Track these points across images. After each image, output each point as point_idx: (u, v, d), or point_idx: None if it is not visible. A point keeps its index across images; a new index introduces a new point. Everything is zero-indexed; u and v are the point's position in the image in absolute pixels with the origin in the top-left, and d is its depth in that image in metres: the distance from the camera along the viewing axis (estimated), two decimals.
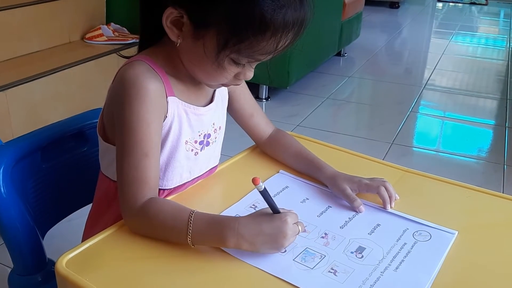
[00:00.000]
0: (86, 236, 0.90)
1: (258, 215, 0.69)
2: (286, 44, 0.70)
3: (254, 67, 0.75)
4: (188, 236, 0.67)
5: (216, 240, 0.68)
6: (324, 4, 2.99)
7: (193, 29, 0.70)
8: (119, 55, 0.84)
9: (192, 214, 0.68)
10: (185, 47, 0.73)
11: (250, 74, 0.75)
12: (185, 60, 0.76)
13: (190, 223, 0.67)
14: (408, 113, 2.78)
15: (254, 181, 0.65)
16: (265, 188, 0.67)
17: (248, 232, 0.66)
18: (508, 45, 4.56)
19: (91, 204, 0.91)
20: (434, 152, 2.40)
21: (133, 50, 0.82)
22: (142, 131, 0.72)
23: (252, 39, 0.66)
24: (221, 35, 0.67)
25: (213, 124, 0.85)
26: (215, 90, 0.86)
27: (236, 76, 0.75)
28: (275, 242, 0.66)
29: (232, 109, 0.93)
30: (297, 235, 0.69)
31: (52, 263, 0.90)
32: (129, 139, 0.72)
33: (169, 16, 0.70)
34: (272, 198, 0.69)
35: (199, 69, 0.75)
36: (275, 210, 0.69)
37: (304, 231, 0.72)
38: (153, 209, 0.71)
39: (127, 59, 0.77)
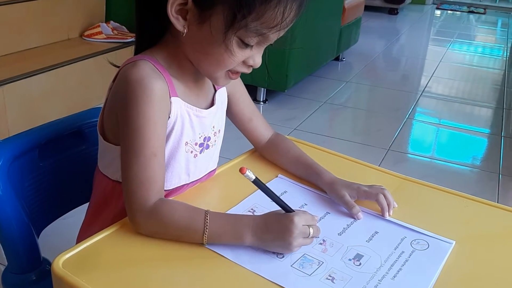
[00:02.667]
0: (81, 235, 0.90)
1: (271, 214, 0.71)
2: (291, 14, 0.69)
3: (262, 51, 0.75)
4: (205, 235, 0.69)
5: (233, 238, 0.70)
6: (324, 8, 3.00)
7: (198, 13, 0.70)
8: (111, 64, 0.84)
9: (207, 213, 0.70)
10: (190, 36, 0.72)
11: (258, 60, 0.75)
12: (191, 52, 0.75)
13: (207, 222, 0.69)
14: (404, 119, 2.79)
15: (240, 170, 0.66)
16: (257, 178, 0.67)
17: (261, 230, 0.69)
18: (504, 54, 4.59)
19: (88, 203, 0.91)
20: (430, 160, 2.41)
21: (128, 51, 0.81)
22: (150, 131, 0.72)
23: (258, 8, 0.66)
24: (227, 11, 0.67)
25: (213, 127, 0.85)
26: (215, 93, 0.86)
27: (245, 62, 0.74)
28: (283, 241, 0.68)
29: (231, 113, 0.93)
30: (311, 238, 0.70)
31: (47, 262, 0.89)
32: (137, 139, 0.71)
33: (173, 3, 0.69)
34: (275, 193, 0.70)
35: (205, 58, 0.74)
36: (284, 208, 0.70)
37: (317, 236, 0.72)
38: (166, 209, 0.71)
39: (128, 58, 0.77)
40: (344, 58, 3.84)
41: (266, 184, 0.86)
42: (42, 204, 0.92)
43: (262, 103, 2.84)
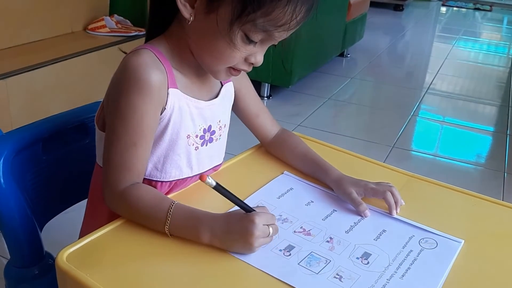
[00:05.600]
0: (84, 228, 0.89)
1: (232, 214, 0.69)
2: (300, 16, 0.69)
3: (265, 50, 0.74)
4: (166, 225, 0.68)
5: (191, 234, 0.69)
6: (329, 4, 2.98)
7: (206, 2, 0.69)
8: (121, 50, 0.83)
9: (172, 205, 0.69)
10: (196, 26, 0.72)
11: (260, 58, 0.74)
12: (194, 43, 0.75)
13: (169, 214, 0.68)
14: (409, 116, 2.77)
15: (201, 178, 0.64)
16: (217, 183, 0.66)
17: (221, 230, 0.67)
18: (510, 52, 4.56)
19: None
20: (435, 157, 2.40)
21: (132, 45, 0.80)
22: (134, 121, 0.72)
23: (268, 5, 0.66)
24: (236, 4, 0.66)
25: (219, 121, 0.84)
26: (221, 88, 0.85)
27: (247, 59, 0.73)
28: (244, 242, 0.66)
29: (237, 109, 0.92)
30: (270, 237, 0.69)
31: (49, 256, 0.89)
32: (120, 126, 0.72)
33: None
34: (234, 194, 0.68)
35: (208, 50, 0.73)
36: (244, 209, 0.68)
37: (276, 232, 0.70)
38: (134, 195, 0.72)
39: (135, 47, 0.76)
40: (348, 54, 3.82)
41: (272, 181, 0.87)
42: (45, 198, 0.91)
43: (266, 98, 2.83)
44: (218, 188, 0.66)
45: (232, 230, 0.67)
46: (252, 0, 0.65)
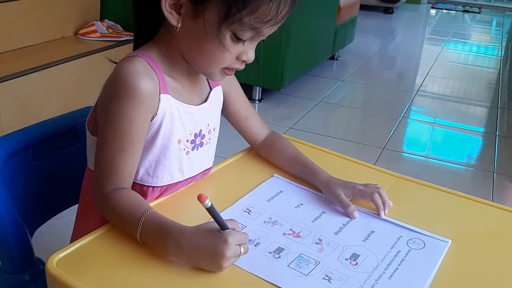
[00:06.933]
0: (76, 233, 0.89)
1: (203, 230, 0.66)
2: (285, 10, 0.69)
3: (255, 46, 0.75)
4: (138, 233, 0.68)
5: (158, 245, 0.67)
6: (319, 7, 3.00)
7: (192, 7, 0.70)
8: (110, 60, 0.84)
9: (145, 213, 0.69)
10: (184, 32, 0.72)
11: (251, 55, 0.75)
12: (185, 47, 0.75)
13: (141, 222, 0.68)
14: (399, 118, 2.79)
15: (200, 198, 0.63)
16: (212, 204, 0.64)
17: (188, 246, 0.65)
18: (499, 53, 4.60)
19: None
20: (425, 159, 2.42)
21: (123, 50, 0.81)
22: (123, 127, 0.72)
23: (252, 3, 0.67)
24: (221, 5, 0.67)
25: (208, 125, 0.85)
26: (210, 92, 0.85)
27: (238, 58, 0.74)
28: (213, 261, 0.64)
29: (226, 112, 0.92)
30: (239, 256, 0.66)
31: (40, 262, 0.89)
32: (110, 131, 0.73)
33: None
34: (220, 214, 0.66)
35: (199, 54, 0.74)
36: (222, 227, 0.65)
37: (246, 252, 0.67)
38: (114, 200, 0.72)
39: (127, 54, 0.77)
40: (339, 57, 3.84)
41: (262, 184, 0.88)
42: (36, 204, 0.91)
43: (257, 102, 2.83)
44: (211, 209, 0.64)
45: (201, 247, 0.64)
46: (236, 0, 0.66)
